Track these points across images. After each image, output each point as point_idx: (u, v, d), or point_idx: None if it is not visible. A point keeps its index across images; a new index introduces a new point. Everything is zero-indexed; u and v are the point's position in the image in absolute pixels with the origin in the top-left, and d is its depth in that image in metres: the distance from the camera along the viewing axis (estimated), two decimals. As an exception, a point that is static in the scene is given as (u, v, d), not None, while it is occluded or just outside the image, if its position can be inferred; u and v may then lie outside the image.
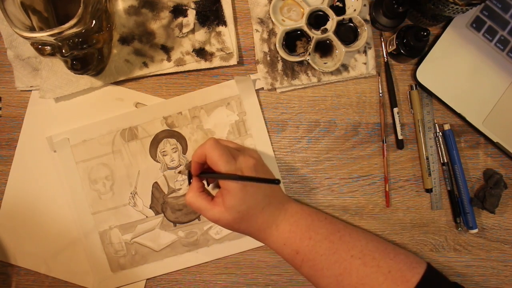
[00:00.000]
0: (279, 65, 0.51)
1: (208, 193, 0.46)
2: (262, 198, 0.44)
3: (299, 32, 0.51)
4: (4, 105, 0.53)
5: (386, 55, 0.52)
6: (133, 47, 0.51)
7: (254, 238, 0.46)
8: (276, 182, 0.38)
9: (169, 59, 0.51)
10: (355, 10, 0.50)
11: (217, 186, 0.50)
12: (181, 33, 0.51)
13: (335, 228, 0.46)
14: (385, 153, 0.52)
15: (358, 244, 0.44)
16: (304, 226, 0.45)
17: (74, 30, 0.40)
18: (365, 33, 0.50)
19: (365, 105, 0.53)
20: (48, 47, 0.42)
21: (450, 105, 0.51)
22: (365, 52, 0.52)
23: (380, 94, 0.52)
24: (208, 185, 0.49)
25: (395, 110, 0.52)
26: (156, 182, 0.52)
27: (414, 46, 0.49)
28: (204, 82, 0.52)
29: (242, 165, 0.43)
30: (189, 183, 0.46)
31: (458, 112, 0.51)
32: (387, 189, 0.52)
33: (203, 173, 0.46)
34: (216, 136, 0.52)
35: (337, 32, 0.51)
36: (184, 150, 0.52)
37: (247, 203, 0.42)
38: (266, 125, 0.52)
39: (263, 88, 0.52)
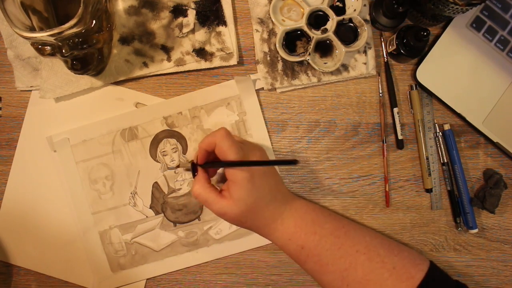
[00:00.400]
0: (279, 65, 0.51)
1: (214, 186, 0.45)
2: (268, 191, 0.44)
3: (299, 32, 0.51)
4: (4, 105, 0.53)
5: (386, 55, 0.52)
6: (133, 47, 0.51)
7: (259, 234, 0.46)
8: (294, 162, 0.36)
9: (169, 59, 0.51)
10: (355, 10, 0.50)
11: (221, 181, 0.50)
12: (181, 33, 0.51)
13: (340, 223, 0.46)
14: (385, 153, 0.52)
15: (363, 240, 0.44)
16: (310, 221, 0.45)
17: (74, 30, 0.40)
18: (365, 33, 0.50)
19: (365, 105, 0.53)
20: (48, 47, 0.42)
21: (450, 105, 0.51)
22: (365, 52, 0.52)
23: (380, 94, 0.52)
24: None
25: (395, 110, 0.52)
26: (156, 182, 0.52)
27: (414, 46, 0.49)
28: (204, 82, 0.52)
29: (250, 156, 0.43)
30: (193, 175, 0.46)
31: (458, 112, 0.51)
32: (387, 189, 0.52)
33: (209, 163, 0.45)
34: (216, 136, 0.52)
35: (337, 32, 0.51)
36: (184, 150, 0.52)
37: (254, 195, 0.42)
38: (266, 125, 0.52)
39: (263, 88, 0.52)
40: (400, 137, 0.52)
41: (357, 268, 0.43)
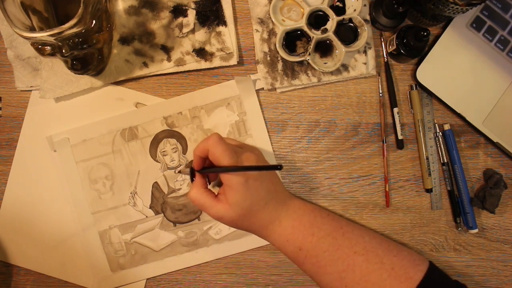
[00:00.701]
0: (279, 65, 0.51)
1: (211, 191, 0.46)
2: (265, 193, 0.44)
3: (299, 32, 0.51)
4: (4, 105, 0.53)
5: (386, 55, 0.52)
6: (133, 47, 0.51)
7: (257, 235, 0.46)
8: (278, 167, 0.37)
9: (169, 59, 0.51)
10: (355, 10, 0.50)
11: (218, 184, 0.50)
12: (181, 33, 0.51)
13: (338, 224, 0.46)
14: (385, 153, 0.52)
15: (361, 241, 0.44)
16: (307, 222, 0.45)
17: (74, 30, 0.40)
18: (365, 33, 0.50)
19: (365, 105, 0.53)
20: (48, 47, 0.42)
21: (450, 105, 0.51)
22: (365, 52, 0.52)
23: (380, 94, 0.52)
24: (209, 183, 0.49)
25: (395, 110, 0.52)
26: (156, 182, 0.52)
27: (414, 46, 0.49)
28: (204, 82, 0.52)
29: (244, 161, 0.43)
30: (192, 180, 0.46)
31: (458, 112, 0.51)
32: (387, 189, 0.52)
33: (206, 168, 0.45)
34: (216, 136, 0.52)
35: (337, 32, 0.51)
36: (184, 150, 0.52)
37: (250, 199, 0.42)
38: (266, 125, 0.52)
39: (263, 88, 0.52)
40: (400, 137, 0.52)
41: (355, 270, 0.43)
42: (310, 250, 0.44)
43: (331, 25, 0.51)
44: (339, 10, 0.51)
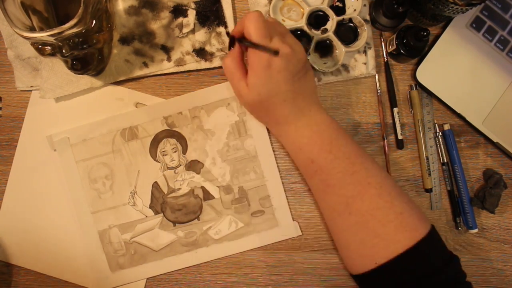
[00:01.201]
0: (279, 65, 0.51)
1: (245, 65, 0.44)
2: (286, 90, 0.42)
3: (299, 32, 0.51)
4: (4, 105, 0.53)
5: (386, 55, 0.52)
6: (133, 47, 0.51)
7: (270, 130, 0.47)
8: (275, 53, 0.38)
9: (169, 59, 0.51)
10: (355, 10, 0.50)
11: None
12: (181, 33, 0.51)
13: (359, 153, 0.44)
14: (386, 149, 0.52)
15: (378, 175, 0.42)
16: (327, 138, 0.43)
17: (74, 30, 0.40)
18: (365, 33, 0.50)
19: (365, 105, 0.53)
20: (48, 47, 0.42)
21: (450, 105, 0.51)
22: (365, 52, 0.52)
23: (378, 92, 0.52)
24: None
25: (395, 110, 0.52)
26: (156, 182, 0.52)
27: (414, 46, 0.49)
28: (204, 82, 0.52)
29: (276, 44, 0.41)
30: (229, 48, 0.45)
31: (458, 112, 0.51)
32: (387, 189, 0.52)
33: (245, 40, 0.42)
34: (216, 137, 0.52)
35: (337, 32, 0.51)
36: (184, 150, 0.52)
37: (268, 87, 0.41)
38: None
39: (263, 88, 0.52)
40: (400, 137, 0.52)
41: (364, 199, 0.41)
42: (323, 166, 0.42)
43: (331, 25, 0.51)
44: (339, 10, 0.51)
